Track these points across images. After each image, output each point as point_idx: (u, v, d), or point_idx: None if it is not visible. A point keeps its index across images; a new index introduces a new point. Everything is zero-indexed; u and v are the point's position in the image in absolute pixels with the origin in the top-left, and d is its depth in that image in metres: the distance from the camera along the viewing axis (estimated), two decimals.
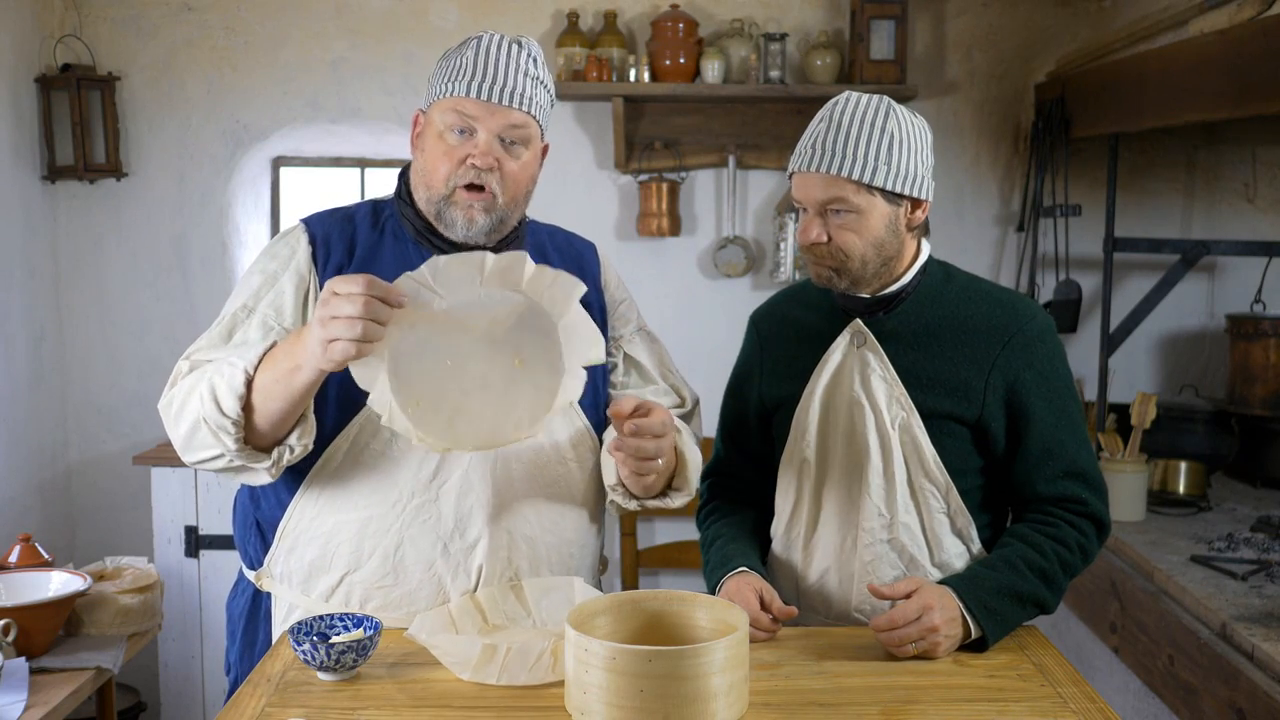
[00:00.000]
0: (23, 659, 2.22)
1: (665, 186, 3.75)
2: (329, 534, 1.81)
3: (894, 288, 1.86)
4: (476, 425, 1.66)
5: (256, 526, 1.91)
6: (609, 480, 1.88)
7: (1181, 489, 3.30)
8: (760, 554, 1.95)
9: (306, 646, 1.58)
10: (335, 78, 3.78)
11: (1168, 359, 3.90)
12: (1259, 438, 3.43)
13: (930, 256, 1.91)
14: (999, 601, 1.74)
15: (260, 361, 1.65)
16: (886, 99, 1.81)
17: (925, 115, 3.76)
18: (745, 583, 1.80)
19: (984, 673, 1.67)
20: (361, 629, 1.66)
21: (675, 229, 3.79)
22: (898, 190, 1.78)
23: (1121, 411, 3.39)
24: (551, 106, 1.85)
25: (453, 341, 1.64)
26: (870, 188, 1.77)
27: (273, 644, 1.83)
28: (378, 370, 1.59)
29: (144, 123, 3.79)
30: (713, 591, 1.86)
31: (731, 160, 3.78)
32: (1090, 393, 3.65)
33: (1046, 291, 3.71)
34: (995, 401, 1.83)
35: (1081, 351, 3.79)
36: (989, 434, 1.84)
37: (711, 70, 3.64)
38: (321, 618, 1.67)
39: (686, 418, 2.04)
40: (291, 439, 1.71)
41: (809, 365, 1.90)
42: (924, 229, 1.90)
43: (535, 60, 1.80)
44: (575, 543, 1.90)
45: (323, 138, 3.90)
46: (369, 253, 1.84)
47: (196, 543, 3.45)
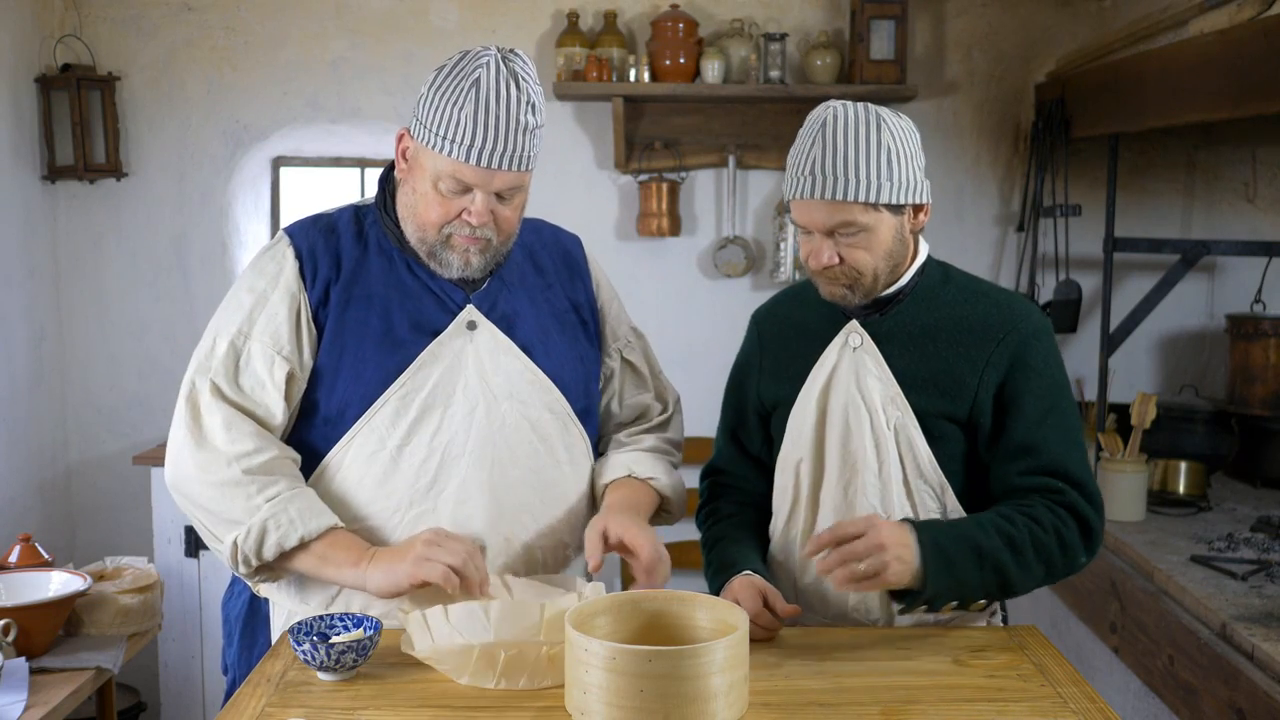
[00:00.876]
0: (23, 659, 2.21)
1: (665, 186, 3.75)
2: None
3: (892, 289, 1.86)
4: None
5: None
6: (601, 487, 1.92)
7: (1181, 489, 3.29)
8: (761, 554, 1.95)
9: (306, 646, 1.58)
10: (335, 78, 3.78)
11: (1168, 359, 3.90)
12: (1259, 438, 3.43)
13: (929, 257, 1.91)
14: (953, 545, 1.69)
15: (328, 530, 1.73)
16: (873, 107, 1.78)
17: (925, 115, 3.77)
18: (749, 583, 1.80)
19: (984, 673, 1.66)
20: (361, 629, 1.66)
21: (675, 229, 3.79)
22: (900, 201, 1.77)
23: (1121, 411, 3.39)
24: (543, 130, 1.80)
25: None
26: (876, 205, 1.76)
27: (272, 646, 1.83)
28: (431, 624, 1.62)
29: (144, 123, 3.79)
30: (715, 594, 1.86)
31: (731, 160, 3.78)
32: (1090, 393, 3.65)
33: (1046, 291, 3.71)
34: (986, 399, 1.81)
35: (1081, 351, 3.79)
36: (978, 432, 1.83)
37: (711, 70, 3.64)
38: (321, 617, 1.68)
39: (666, 423, 2.05)
40: (275, 580, 1.81)
41: (806, 366, 1.90)
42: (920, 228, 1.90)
43: (533, 105, 1.73)
44: (572, 545, 1.91)
45: (323, 138, 3.90)
46: (356, 266, 1.83)
47: (196, 543, 3.45)
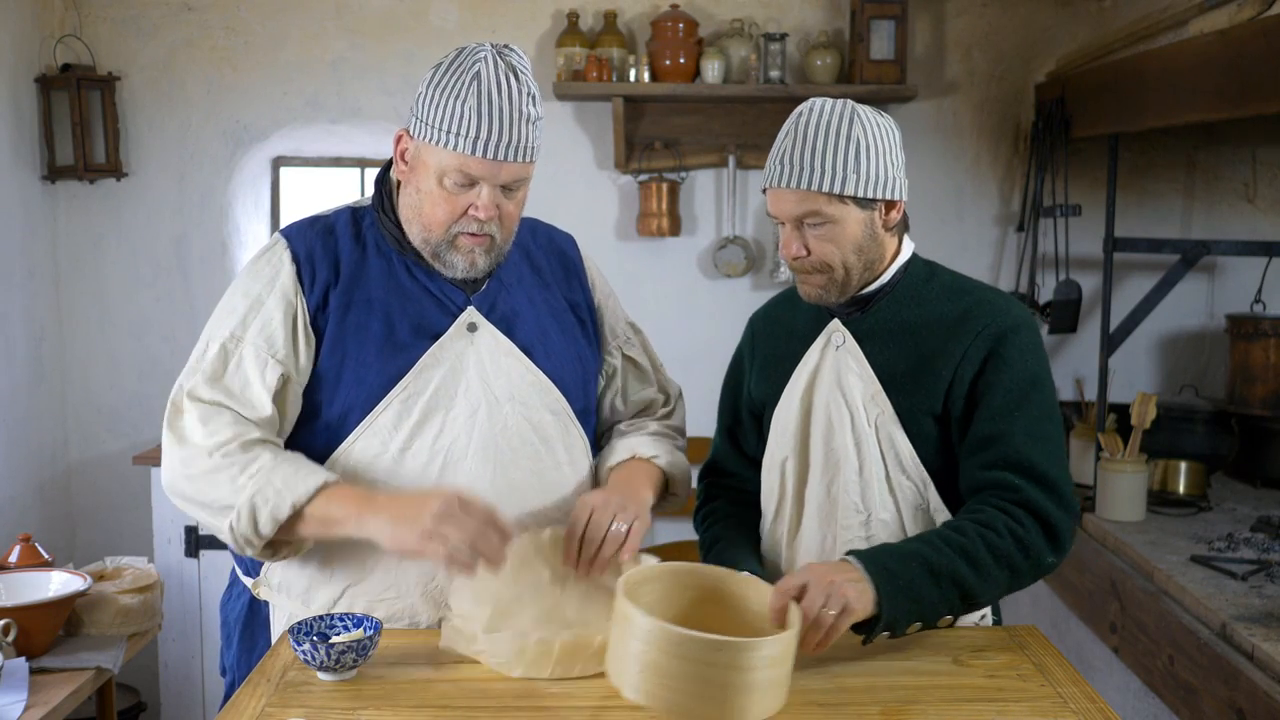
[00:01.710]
0: (23, 659, 2.22)
1: (665, 186, 3.75)
2: (330, 546, 1.79)
3: (872, 287, 1.86)
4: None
5: None
6: (606, 471, 1.92)
7: (1181, 489, 3.29)
8: (758, 555, 1.95)
9: (306, 646, 1.58)
10: (335, 78, 3.78)
11: (1168, 359, 3.90)
12: (1259, 438, 3.43)
13: (915, 255, 1.90)
14: (900, 565, 1.65)
15: (319, 490, 1.68)
16: (851, 104, 1.80)
17: (925, 115, 3.78)
18: None
19: (984, 673, 1.66)
20: (361, 629, 1.66)
21: (675, 229, 3.79)
22: (869, 196, 1.78)
23: (1121, 411, 3.39)
24: (543, 122, 1.81)
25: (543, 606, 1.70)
26: (841, 197, 1.77)
27: (272, 646, 1.83)
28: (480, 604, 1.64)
29: (144, 123, 3.79)
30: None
31: (731, 160, 3.78)
32: (1090, 393, 3.65)
33: (1046, 291, 3.71)
34: (959, 392, 1.80)
35: (1081, 351, 3.79)
36: (952, 425, 1.81)
37: (711, 70, 3.64)
38: (321, 618, 1.68)
39: (670, 414, 2.05)
40: (306, 544, 1.77)
41: (792, 365, 1.91)
42: (904, 226, 1.89)
43: (534, 96, 1.73)
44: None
45: (323, 138, 3.91)
46: (355, 269, 1.81)
47: (196, 543, 3.45)
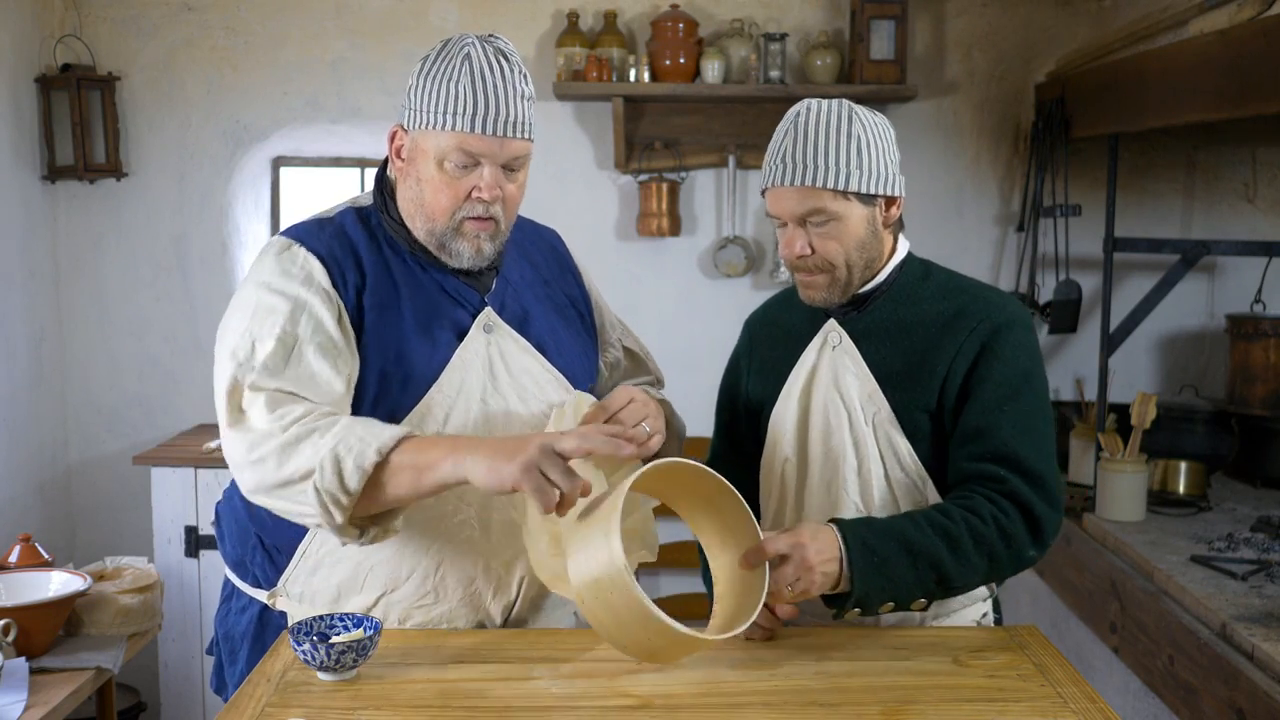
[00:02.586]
0: (23, 659, 2.22)
1: (665, 186, 3.75)
2: (362, 554, 1.77)
3: (869, 286, 1.86)
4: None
5: (261, 546, 1.86)
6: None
7: (1181, 489, 3.29)
8: None
9: (306, 646, 1.58)
10: (335, 78, 3.78)
11: (1168, 359, 3.90)
12: (1259, 438, 3.43)
13: (910, 254, 1.91)
14: (881, 542, 1.66)
15: (403, 439, 1.58)
16: (846, 102, 1.80)
17: (925, 115, 3.78)
18: None
19: (984, 673, 1.66)
20: (361, 629, 1.66)
21: (675, 229, 3.79)
22: (871, 191, 1.78)
23: (1121, 411, 3.39)
24: (535, 103, 1.80)
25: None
26: (845, 193, 1.77)
27: (272, 646, 1.82)
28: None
29: (144, 123, 3.79)
30: (713, 598, 1.86)
31: (731, 160, 3.78)
32: (1090, 393, 3.65)
33: (1046, 291, 3.71)
34: (952, 387, 1.80)
35: (1081, 351, 3.79)
36: (945, 419, 1.82)
37: (711, 70, 3.64)
38: (321, 618, 1.67)
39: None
40: (396, 522, 1.67)
41: (788, 366, 1.92)
42: (899, 225, 1.90)
43: (525, 75, 1.75)
44: None
45: (323, 138, 3.91)
46: (378, 270, 1.78)
47: (196, 543, 3.45)
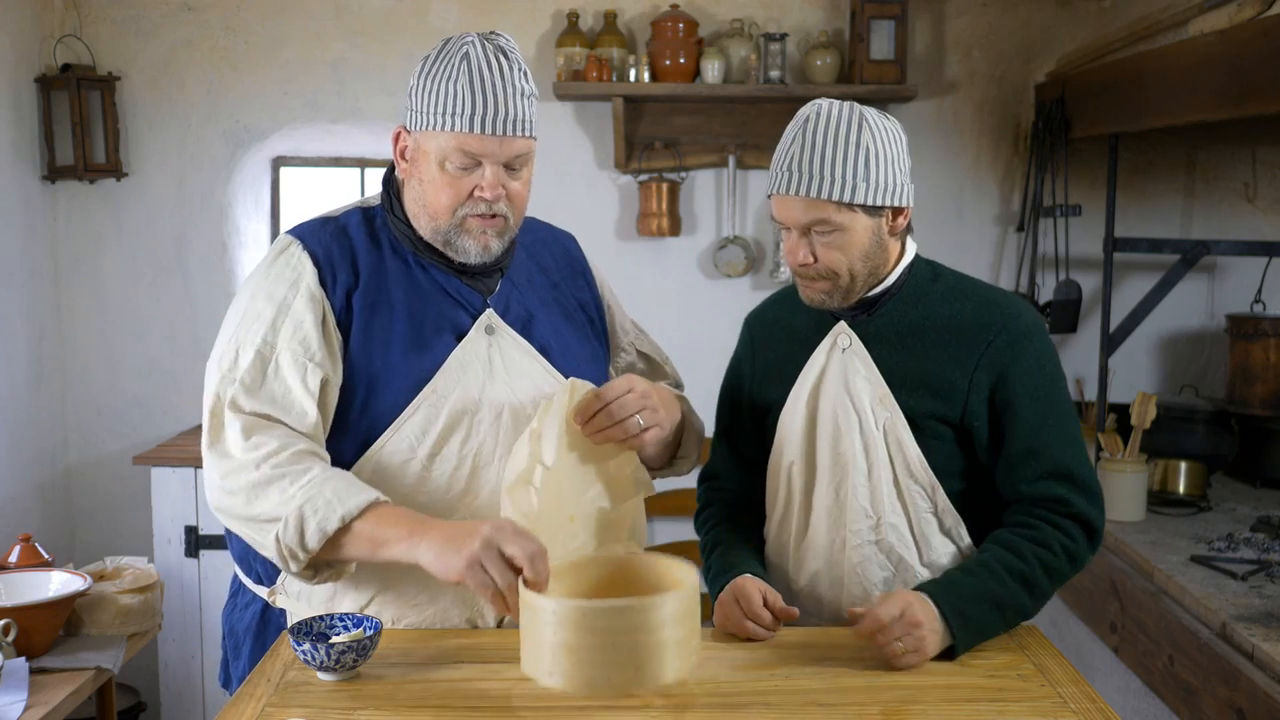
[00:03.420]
0: (23, 659, 2.22)
1: (665, 186, 3.75)
2: None
3: (878, 289, 1.86)
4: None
5: None
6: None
7: (1181, 489, 3.29)
8: (760, 557, 1.95)
9: (306, 646, 1.58)
10: (335, 78, 3.78)
11: (1168, 359, 3.90)
12: (1259, 438, 3.43)
13: (917, 256, 1.90)
14: (975, 608, 1.72)
15: (370, 505, 1.62)
16: (858, 107, 1.78)
17: (925, 115, 3.78)
18: (749, 583, 1.80)
19: (984, 673, 1.66)
20: (361, 629, 1.66)
21: (675, 229, 3.79)
22: (877, 204, 1.77)
23: (1121, 411, 3.39)
24: (538, 100, 1.79)
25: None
26: (850, 205, 1.76)
27: (272, 646, 1.82)
28: None
29: (144, 123, 3.79)
30: (714, 597, 1.86)
31: (731, 160, 3.78)
32: (1090, 393, 3.65)
33: (1046, 291, 3.71)
34: (979, 401, 1.81)
35: (1081, 351, 3.79)
36: (973, 434, 1.83)
37: (711, 70, 3.64)
38: (321, 617, 1.67)
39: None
40: (350, 567, 1.71)
41: (796, 368, 1.90)
42: (908, 228, 1.89)
43: (525, 73, 1.74)
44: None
45: (323, 138, 3.91)
46: (374, 271, 1.79)
47: (196, 543, 3.45)
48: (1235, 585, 2.58)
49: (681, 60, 3.64)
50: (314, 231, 1.82)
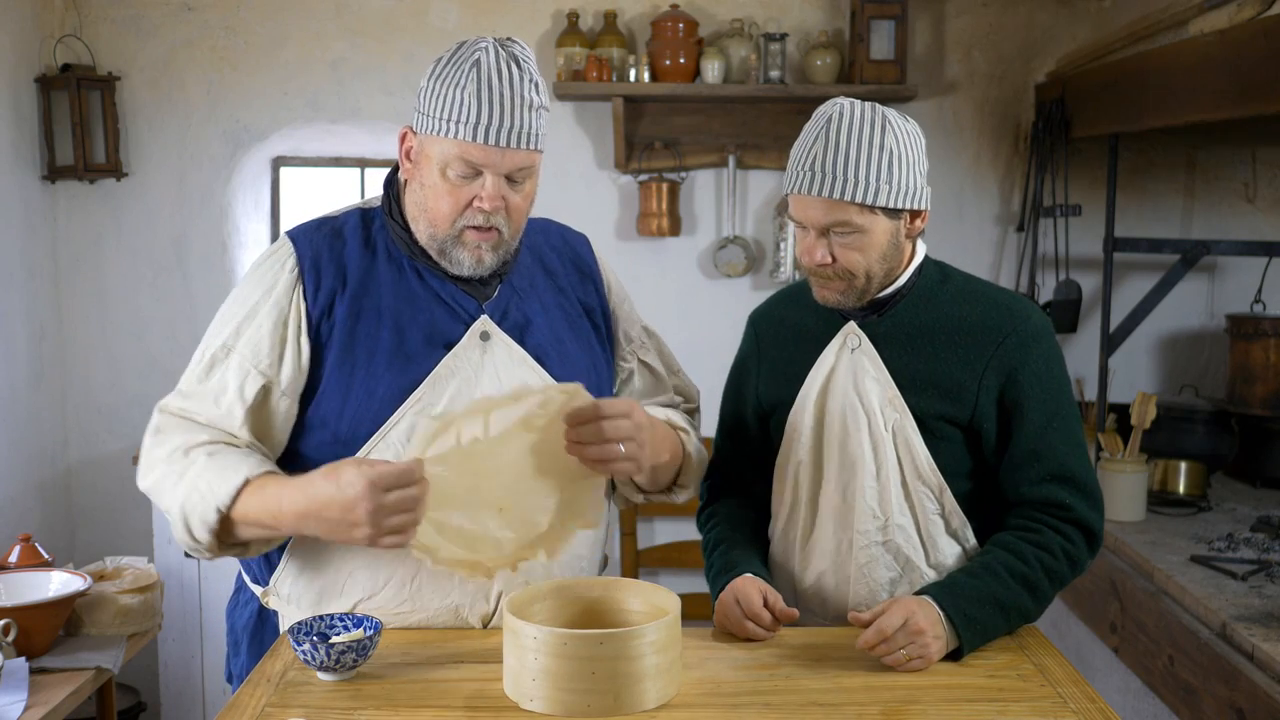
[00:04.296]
0: (23, 659, 2.22)
1: (665, 186, 3.75)
2: (341, 559, 1.77)
3: (889, 290, 1.86)
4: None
5: None
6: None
7: (1181, 489, 3.29)
8: (762, 557, 1.95)
9: (306, 646, 1.58)
10: (335, 78, 3.78)
11: (1168, 359, 3.90)
12: (1259, 438, 3.43)
13: (927, 257, 1.90)
14: (978, 609, 1.72)
15: (242, 488, 1.65)
16: (880, 109, 1.78)
17: (925, 115, 3.77)
18: (750, 583, 1.80)
19: (984, 673, 1.67)
20: (361, 629, 1.66)
21: (675, 229, 3.79)
22: (899, 206, 1.77)
23: (1121, 411, 3.39)
24: (548, 113, 1.78)
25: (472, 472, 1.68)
26: (872, 208, 1.76)
27: (272, 646, 1.82)
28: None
29: (144, 123, 3.79)
30: (715, 597, 1.86)
31: (731, 160, 3.78)
32: (1090, 393, 3.65)
33: (1046, 291, 3.71)
34: (988, 403, 1.82)
35: (1081, 351, 3.79)
36: (981, 436, 1.83)
37: (711, 70, 3.64)
38: (321, 617, 1.67)
39: (692, 414, 2.03)
40: (268, 547, 1.78)
41: (804, 368, 1.90)
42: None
43: (536, 84, 1.71)
44: (586, 557, 1.89)
45: (323, 138, 3.91)
46: (364, 276, 1.79)
47: None
48: (1235, 585, 2.58)
49: (681, 60, 3.64)
50: (308, 234, 1.82)
